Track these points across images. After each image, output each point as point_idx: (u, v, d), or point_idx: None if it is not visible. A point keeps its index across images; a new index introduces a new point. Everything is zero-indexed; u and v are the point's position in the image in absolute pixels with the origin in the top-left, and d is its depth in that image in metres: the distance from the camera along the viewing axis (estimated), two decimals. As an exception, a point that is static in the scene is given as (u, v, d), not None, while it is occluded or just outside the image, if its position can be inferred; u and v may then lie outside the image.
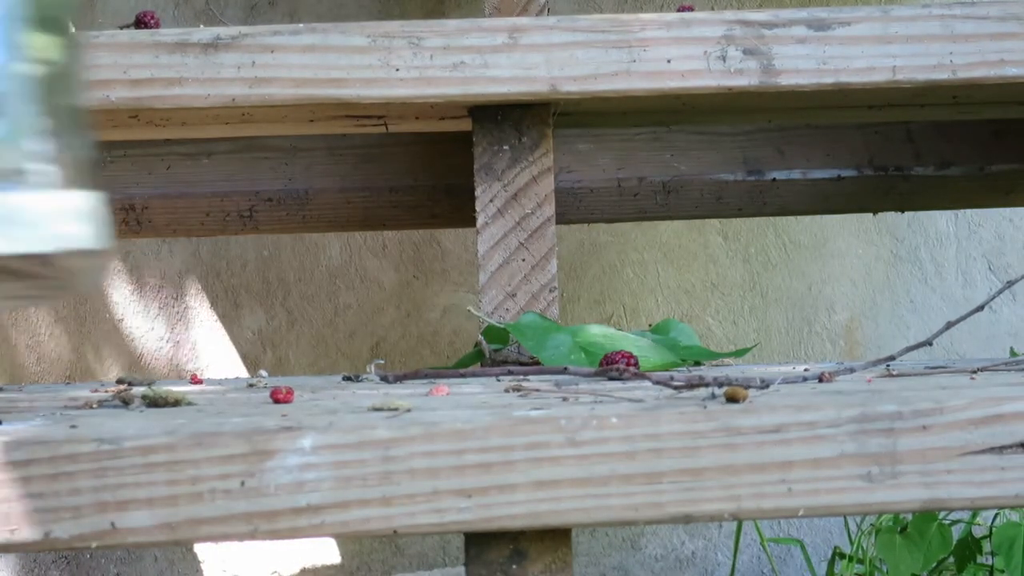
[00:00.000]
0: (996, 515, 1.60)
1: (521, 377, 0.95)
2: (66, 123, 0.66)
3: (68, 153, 0.66)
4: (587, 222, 1.36)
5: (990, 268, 1.86)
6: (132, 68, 1.03)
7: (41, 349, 1.83)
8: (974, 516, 1.58)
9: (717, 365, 1.10)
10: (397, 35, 1.07)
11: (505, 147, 1.11)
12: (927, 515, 1.45)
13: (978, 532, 1.60)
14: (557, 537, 0.76)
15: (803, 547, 1.65)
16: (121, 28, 1.21)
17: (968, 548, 1.52)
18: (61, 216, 0.66)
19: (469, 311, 1.68)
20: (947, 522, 1.47)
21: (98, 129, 1.17)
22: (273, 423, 0.74)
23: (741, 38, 1.05)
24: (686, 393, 0.82)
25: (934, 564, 1.50)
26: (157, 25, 1.23)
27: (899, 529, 1.45)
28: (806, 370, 0.95)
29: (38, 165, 0.65)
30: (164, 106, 1.04)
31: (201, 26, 1.25)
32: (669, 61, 1.05)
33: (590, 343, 1.04)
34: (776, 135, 1.33)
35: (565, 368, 0.94)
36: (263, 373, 1.40)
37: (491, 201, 1.12)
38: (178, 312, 1.83)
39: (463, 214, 1.26)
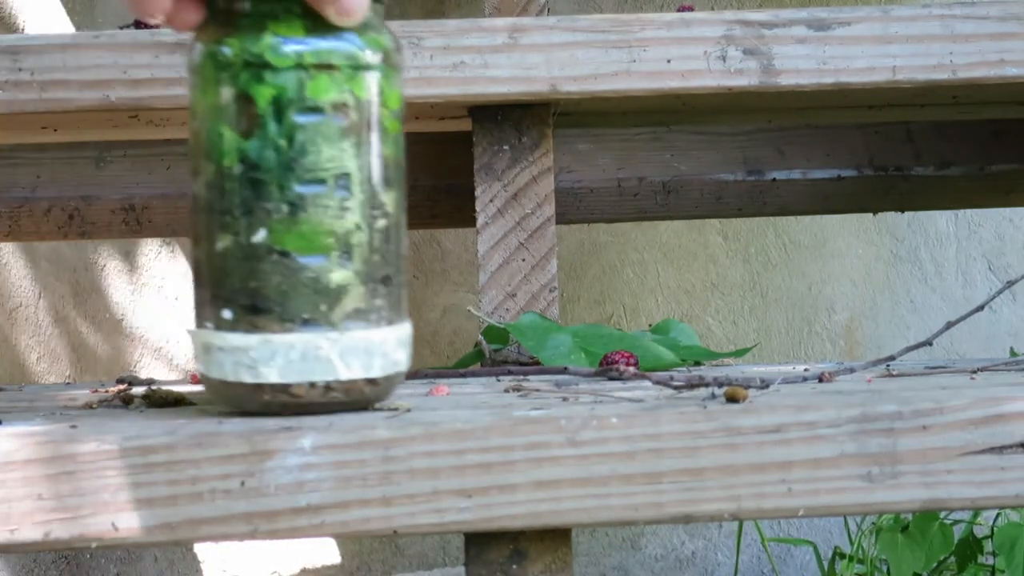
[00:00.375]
0: (998, 515, 1.60)
1: (521, 377, 0.95)
2: (394, 265, 0.77)
3: (397, 291, 0.77)
4: (587, 222, 1.36)
5: (990, 268, 1.86)
6: (132, 68, 1.03)
7: (41, 349, 1.83)
8: (975, 516, 1.58)
9: (717, 365, 1.10)
10: (397, 35, 1.07)
11: (505, 147, 1.11)
12: (928, 514, 1.45)
13: (979, 532, 1.60)
14: (557, 537, 0.76)
15: (815, 549, 1.65)
16: (121, 28, 1.21)
17: (969, 548, 1.52)
18: (394, 345, 0.77)
19: (469, 311, 1.68)
20: (948, 522, 1.47)
21: (98, 129, 1.17)
22: (273, 423, 0.74)
23: (741, 38, 1.05)
24: (686, 393, 0.82)
25: (935, 564, 1.50)
26: (157, 25, 1.23)
27: (900, 528, 1.45)
28: (806, 370, 0.95)
29: (381, 303, 0.76)
30: (164, 106, 1.03)
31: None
32: (669, 61, 1.05)
33: (590, 343, 1.04)
34: (776, 135, 1.32)
35: (565, 368, 0.94)
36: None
37: (491, 201, 1.12)
38: (178, 312, 1.83)
39: (463, 214, 1.26)
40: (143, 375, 1.79)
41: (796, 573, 1.81)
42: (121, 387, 0.96)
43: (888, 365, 0.96)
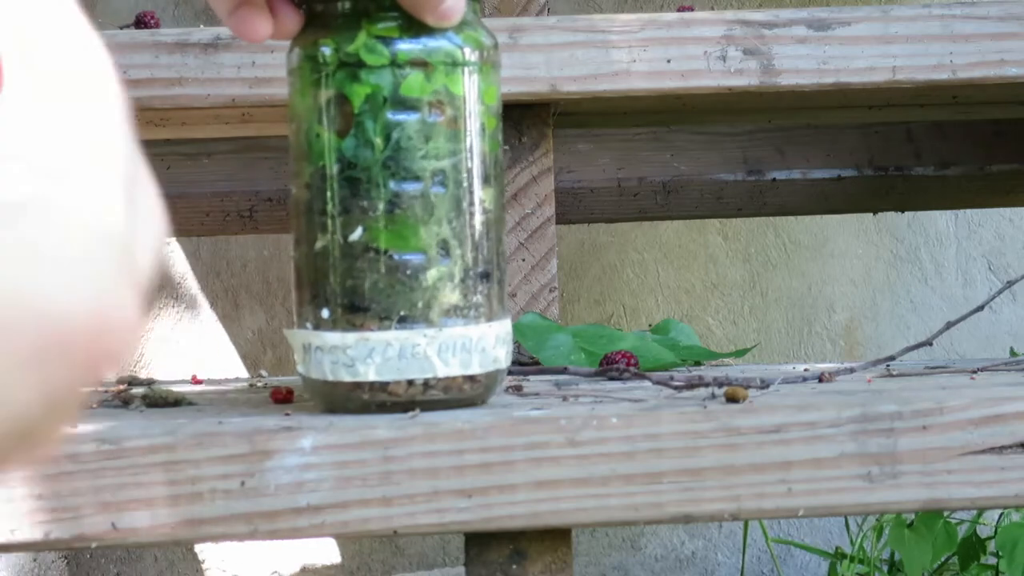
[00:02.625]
0: (1001, 515, 1.60)
1: (521, 377, 0.95)
2: (492, 262, 0.77)
3: (495, 288, 0.77)
4: (587, 222, 1.36)
5: (990, 268, 1.86)
6: (132, 68, 1.03)
7: (41, 349, 1.83)
8: (978, 516, 1.58)
9: (717, 365, 1.10)
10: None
11: (505, 147, 1.11)
12: (932, 513, 1.45)
13: (983, 532, 1.60)
14: (557, 537, 0.76)
15: (830, 556, 1.65)
16: (121, 28, 1.21)
17: (972, 547, 1.52)
18: (493, 342, 0.76)
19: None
20: (954, 521, 1.47)
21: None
22: (273, 423, 0.74)
23: (741, 38, 1.05)
24: (686, 393, 0.82)
25: (939, 561, 1.50)
26: (157, 25, 1.23)
27: (906, 525, 1.46)
28: (806, 370, 0.95)
29: (479, 300, 0.76)
30: (164, 106, 1.04)
31: (201, 26, 1.25)
32: (669, 61, 1.05)
33: (590, 343, 1.04)
34: (776, 135, 1.32)
35: (565, 368, 0.94)
36: (263, 373, 1.40)
37: (491, 201, 1.12)
38: (178, 312, 1.83)
39: (463, 214, 1.26)
40: (143, 375, 1.79)
41: (796, 573, 1.81)
42: (121, 387, 0.96)
43: (888, 365, 0.96)
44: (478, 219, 0.76)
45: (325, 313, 0.76)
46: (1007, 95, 1.13)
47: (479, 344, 0.76)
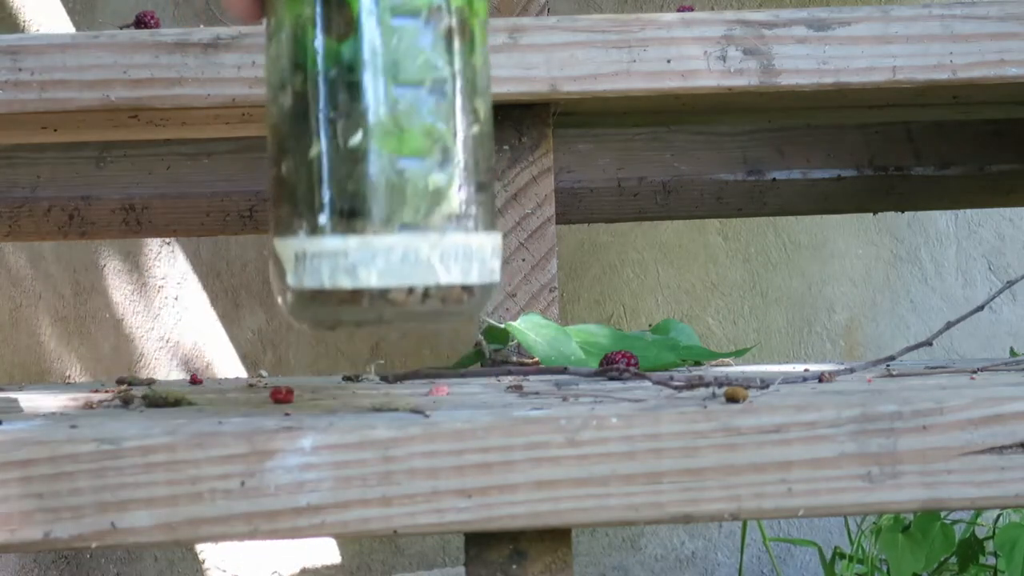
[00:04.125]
0: (999, 515, 1.60)
1: (521, 377, 0.95)
2: (486, 173, 0.76)
3: (489, 199, 0.76)
4: (587, 222, 1.36)
5: (990, 268, 1.86)
6: (132, 68, 1.03)
7: (41, 349, 1.83)
8: (976, 516, 1.58)
9: (717, 365, 1.10)
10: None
11: (505, 147, 1.11)
12: (930, 514, 1.45)
13: (980, 533, 1.60)
14: (557, 537, 0.76)
15: (821, 551, 1.65)
16: (121, 28, 1.21)
17: (971, 548, 1.52)
18: (490, 253, 0.76)
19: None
20: (949, 522, 1.47)
21: (98, 129, 1.17)
22: (273, 423, 0.74)
23: (741, 38, 1.05)
24: (686, 393, 0.82)
25: (936, 564, 1.50)
26: (157, 25, 1.23)
27: (902, 528, 1.46)
28: (806, 370, 0.95)
29: (475, 209, 0.75)
30: (164, 106, 1.03)
31: (201, 26, 1.25)
32: (669, 61, 1.05)
33: (590, 343, 1.04)
34: (776, 135, 1.32)
35: (565, 368, 0.94)
36: (263, 373, 1.40)
37: (491, 201, 1.12)
38: (178, 312, 1.83)
39: (463, 214, 1.26)
40: (143, 375, 1.80)
41: (796, 573, 1.81)
42: (121, 387, 0.96)
43: (888, 365, 0.96)
44: (474, 128, 0.76)
45: (323, 219, 0.74)
46: (1007, 95, 1.13)
47: (479, 253, 0.75)
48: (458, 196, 0.75)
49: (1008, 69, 1.05)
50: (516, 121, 1.11)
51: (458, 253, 0.74)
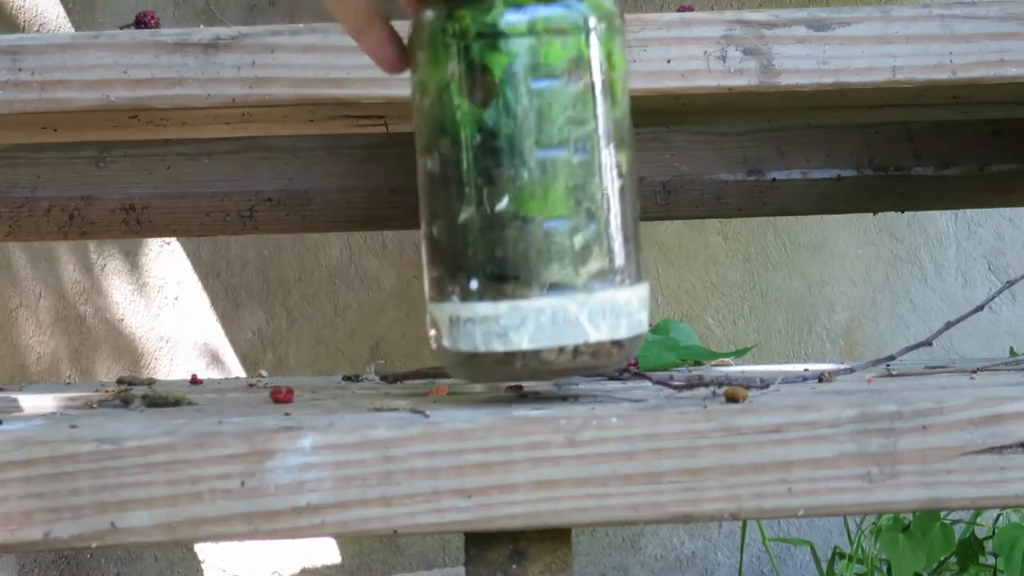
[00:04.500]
0: (999, 515, 1.60)
1: (521, 377, 0.95)
2: (632, 225, 0.78)
3: (635, 251, 0.78)
4: (587, 222, 1.36)
5: (990, 268, 1.86)
6: (132, 68, 1.03)
7: (41, 349, 1.83)
8: (976, 516, 1.58)
9: (717, 365, 1.10)
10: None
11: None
12: (930, 514, 1.45)
13: (980, 533, 1.60)
14: (557, 537, 0.76)
15: (813, 548, 1.65)
16: (121, 28, 1.21)
17: (970, 548, 1.52)
18: (638, 306, 0.77)
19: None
20: (949, 522, 1.47)
21: (98, 129, 1.17)
22: (273, 423, 0.74)
23: (741, 38, 1.05)
24: (686, 393, 0.82)
25: (936, 564, 1.50)
26: (157, 25, 1.23)
27: (901, 528, 1.45)
28: (806, 370, 0.95)
29: (621, 263, 0.77)
30: (164, 106, 1.03)
31: (201, 26, 1.25)
32: (669, 61, 1.05)
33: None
34: (776, 135, 1.32)
35: (565, 368, 0.94)
36: (263, 373, 1.40)
37: (491, 201, 1.12)
38: (178, 312, 1.83)
39: (463, 214, 1.26)
40: (143, 375, 1.79)
41: (796, 573, 1.81)
42: (121, 387, 0.96)
43: (888, 365, 0.96)
44: (617, 183, 0.77)
45: (474, 284, 0.75)
46: (1007, 95, 1.13)
47: (626, 308, 0.76)
48: (604, 253, 0.76)
49: (1008, 69, 1.05)
50: (516, 121, 1.10)
51: (606, 310, 0.76)
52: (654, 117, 1.26)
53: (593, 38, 0.76)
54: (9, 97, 1.02)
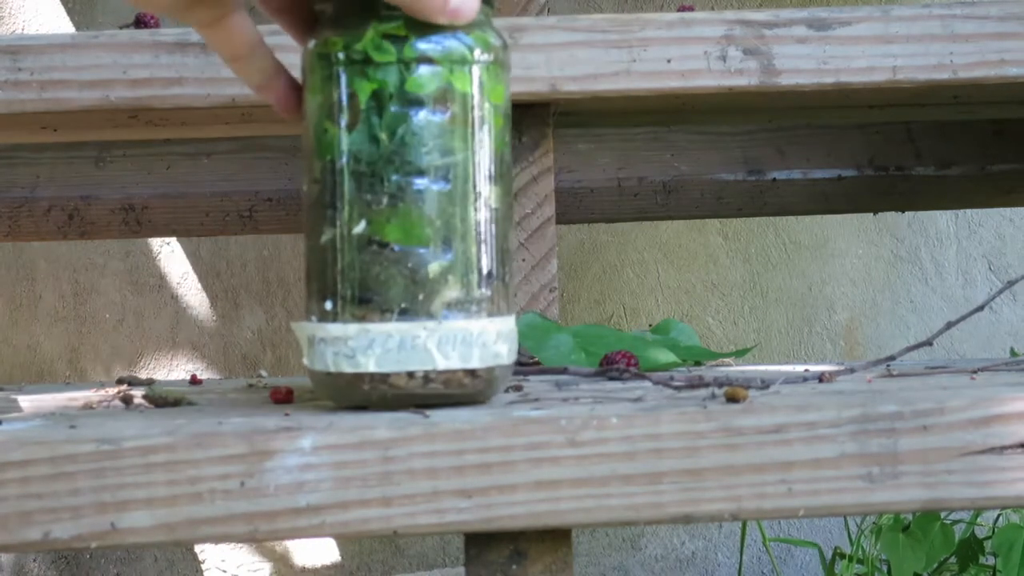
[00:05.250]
0: (999, 515, 1.60)
1: (521, 377, 0.95)
2: (496, 258, 0.78)
3: (499, 285, 0.78)
4: (587, 222, 1.36)
5: (990, 268, 1.86)
6: (132, 68, 1.03)
7: (41, 349, 1.83)
8: (976, 516, 1.58)
9: (717, 365, 1.10)
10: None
11: (505, 147, 1.11)
12: (930, 515, 1.45)
13: (980, 533, 1.60)
14: (557, 537, 0.76)
15: (820, 551, 1.65)
16: (121, 28, 1.21)
17: (970, 548, 1.52)
18: (494, 337, 0.77)
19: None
20: (949, 522, 1.47)
21: (97, 129, 1.17)
22: (273, 423, 0.74)
23: (741, 38, 1.05)
24: (686, 393, 0.82)
25: (936, 564, 1.50)
26: (157, 25, 1.23)
27: (902, 528, 1.46)
28: (806, 370, 0.95)
29: (481, 295, 0.77)
30: (164, 106, 1.03)
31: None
32: (669, 61, 1.05)
33: (590, 343, 1.04)
34: (776, 135, 1.32)
35: (565, 368, 0.94)
36: (263, 373, 1.40)
37: (491, 201, 1.12)
38: (178, 312, 1.83)
39: (463, 214, 1.26)
40: (143, 375, 1.79)
41: (796, 573, 1.81)
42: (121, 387, 0.96)
43: (888, 365, 0.96)
44: (483, 215, 0.77)
45: (329, 305, 0.77)
46: (1007, 95, 1.13)
47: (480, 338, 0.77)
48: (459, 284, 0.76)
49: (1008, 69, 1.05)
50: (516, 121, 1.11)
51: (456, 339, 0.76)
52: (654, 117, 1.26)
53: (467, 71, 0.77)
54: (9, 97, 1.02)
